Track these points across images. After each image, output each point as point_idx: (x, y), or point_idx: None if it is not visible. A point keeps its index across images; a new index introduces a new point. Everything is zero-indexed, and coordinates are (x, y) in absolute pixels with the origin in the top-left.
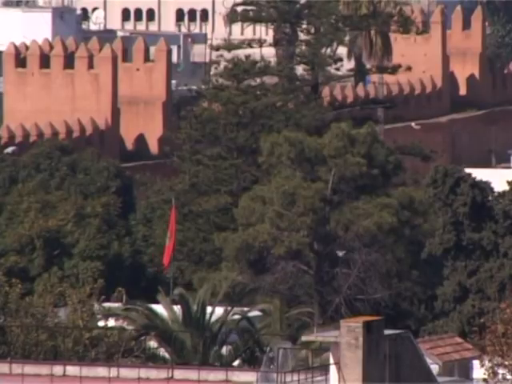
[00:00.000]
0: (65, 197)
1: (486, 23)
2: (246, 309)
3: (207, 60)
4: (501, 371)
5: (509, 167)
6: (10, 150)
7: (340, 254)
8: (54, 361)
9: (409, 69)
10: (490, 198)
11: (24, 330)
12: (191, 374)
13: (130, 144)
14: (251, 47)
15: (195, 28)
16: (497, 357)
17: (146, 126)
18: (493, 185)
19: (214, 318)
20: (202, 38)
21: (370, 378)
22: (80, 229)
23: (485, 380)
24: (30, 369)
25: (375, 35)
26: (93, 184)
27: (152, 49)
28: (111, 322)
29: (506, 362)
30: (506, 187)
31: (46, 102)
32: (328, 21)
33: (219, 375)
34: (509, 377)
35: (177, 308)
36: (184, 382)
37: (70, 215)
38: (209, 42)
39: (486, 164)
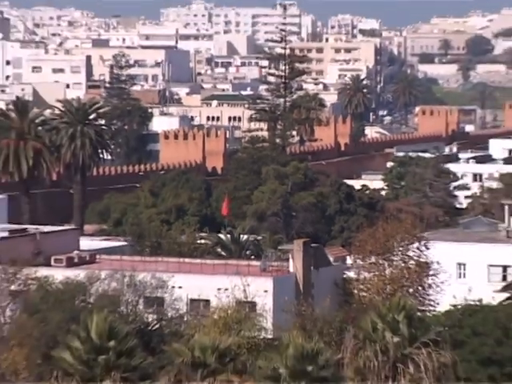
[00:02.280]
0: (183, 191)
1: (352, 122)
2: (255, 236)
3: (241, 136)
4: (358, 261)
5: (360, 179)
6: (161, 172)
7: (294, 213)
8: (179, 256)
9: (321, 139)
10: (353, 191)
11: (167, 244)
12: (234, 262)
13: (209, 169)
14: (257, 131)
15: (236, 123)
16: (356, 255)
17: (215, 163)
18: (355, 186)
19: (243, 240)
20: (239, 128)
21: (306, 264)
22: (189, 204)
23: (351, 264)
24: (170, 260)
25: (308, 126)
26: (195, 186)
27: (218, 132)
28: (202, 241)
29: (360, 256)
30: (359, 187)
31: (178, 154)
32: (288, 120)
33: (245, 262)
34: (360, 262)
35: (228, 236)
36: (230, 265)
37: (186, 199)
38: (242, 129)
39: (351, 178)
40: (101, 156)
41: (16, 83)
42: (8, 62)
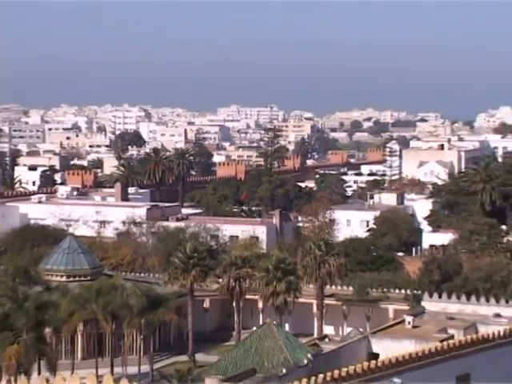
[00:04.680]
0: (227, 188)
1: (301, 157)
2: (259, 207)
3: (252, 164)
4: (303, 219)
5: (304, 182)
6: (217, 180)
7: (275, 197)
8: (225, 216)
9: (287, 165)
10: (301, 188)
11: (219, 211)
12: (249, 219)
13: (238, 179)
14: (259, 162)
15: (250, 158)
16: (303, 216)
17: (241, 176)
18: (302, 186)
19: (253, 209)
20: (251, 160)
21: (280, 220)
22: (230, 193)
23: (300, 220)
24: (221, 218)
25: (281, 160)
26: (232, 186)
27: (242, 162)
28: (234, 210)
29: (304, 216)
30: (304, 186)
31: (224, 172)
32: (273, 157)
33: (254, 219)
34: (304, 219)
35: (246, 207)
36: (247, 221)
37: (228, 192)
38: (252, 161)
39: (301, 182)
40: (191, 172)
41: (153, 141)
42: (150, 131)
